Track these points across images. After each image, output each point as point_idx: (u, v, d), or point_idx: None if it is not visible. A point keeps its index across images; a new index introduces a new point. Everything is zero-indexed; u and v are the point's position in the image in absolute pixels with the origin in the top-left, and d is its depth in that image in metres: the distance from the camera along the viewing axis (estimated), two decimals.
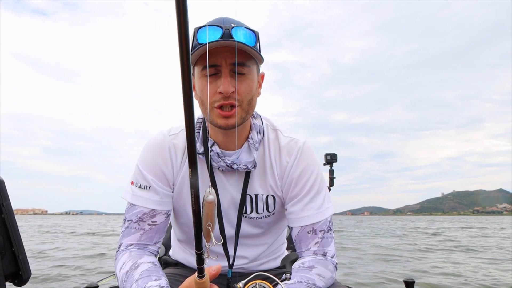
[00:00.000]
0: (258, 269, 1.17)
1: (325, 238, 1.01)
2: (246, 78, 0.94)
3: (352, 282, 5.30)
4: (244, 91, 0.93)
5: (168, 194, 1.03)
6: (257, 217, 1.06)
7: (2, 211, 0.83)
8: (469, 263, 7.42)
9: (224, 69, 0.90)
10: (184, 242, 1.17)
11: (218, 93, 0.91)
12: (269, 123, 1.13)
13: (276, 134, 1.10)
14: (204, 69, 0.92)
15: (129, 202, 1.00)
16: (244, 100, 0.94)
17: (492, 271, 6.44)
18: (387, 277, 5.69)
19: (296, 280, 0.89)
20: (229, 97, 0.91)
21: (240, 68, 0.92)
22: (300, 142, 1.06)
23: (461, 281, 5.44)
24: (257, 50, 0.93)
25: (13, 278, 0.88)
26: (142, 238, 0.98)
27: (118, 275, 0.93)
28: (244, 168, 1.00)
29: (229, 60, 0.90)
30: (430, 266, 6.86)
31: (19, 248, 0.87)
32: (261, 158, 1.06)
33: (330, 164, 3.53)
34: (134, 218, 0.98)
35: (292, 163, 1.04)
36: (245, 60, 0.92)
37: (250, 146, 1.02)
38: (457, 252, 9.54)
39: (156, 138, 1.05)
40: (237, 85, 0.92)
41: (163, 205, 1.01)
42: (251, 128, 1.05)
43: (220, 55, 0.89)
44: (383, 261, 7.63)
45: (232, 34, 0.87)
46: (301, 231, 1.02)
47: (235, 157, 1.02)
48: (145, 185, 0.99)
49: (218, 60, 0.90)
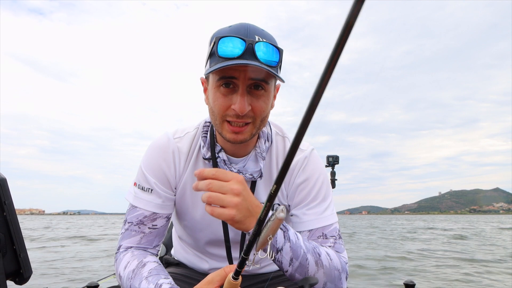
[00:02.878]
0: (261, 271, 1.16)
1: (338, 244, 0.98)
2: (264, 96, 0.89)
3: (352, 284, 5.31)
4: (259, 109, 0.89)
5: (170, 198, 1.02)
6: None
7: (4, 209, 0.83)
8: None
9: (242, 84, 0.85)
10: (187, 243, 1.17)
11: (231, 108, 0.87)
12: (278, 130, 1.10)
13: (284, 143, 1.08)
14: (220, 80, 0.87)
15: (130, 203, 0.99)
16: (258, 117, 0.90)
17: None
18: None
19: (303, 241, 0.87)
20: (243, 115, 0.87)
21: (258, 84, 0.87)
22: (307, 151, 1.05)
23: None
24: (278, 70, 0.88)
25: (14, 276, 0.88)
26: (142, 242, 0.98)
27: (122, 274, 0.92)
28: (250, 178, 0.98)
29: (247, 75, 0.85)
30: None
31: (21, 246, 0.87)
32: (268, 167, 1.04)
33: (332, 166, 3.57)
34: (135, 220, 0.98)
35: (298, 170, 1.03)
36: (265, 77, 0.87)
37: (257, 155, 1.01)
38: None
39: (161, 140, 1.03)
40: (253, 102, 0.87)
41: (165, 208, 1.00)
42: (259, 136, 1.03)
43: (239, 68, 0.84)
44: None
45: (256, 49, 0.82)
46: (310, 236, 0.99)
47: (241, 165, 1.01)
48: (147, 188, 0.98)
49: (236, 73, 0.85)
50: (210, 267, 1.13)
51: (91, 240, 14.03)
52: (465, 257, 8.97)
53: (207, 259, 1.13)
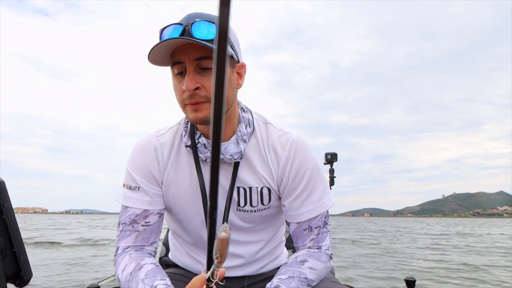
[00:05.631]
0: (259, 273, 1.15)
1: (320, 234, 1.03)
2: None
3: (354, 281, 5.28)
4: (210, 86, 0.89)
5: (157, 194, 1.03)
6: (251, 210, 1.04)
7: (3, 212, 0.84)
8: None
9: (189, 66, 0.88)
10: (182, 240, 1.16)
11: (184, 91, 0.89)
12: (259, 117, 1.11)
13: (267, 127, 1.08)
14: (173, 67, 0.91)
15: (122, 204, 1.01)
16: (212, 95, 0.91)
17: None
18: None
19: (288, 276, 0.90)
20: (195, 94, 0.88)
21: (205, 63, 0.88)
22: (293, 136, 1.05)
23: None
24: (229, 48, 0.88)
25: (14, 279, 0.88)
26: (137, 240, 0.99)
27: (120, 276, 0.93)
28: (230, 159, 0.99)
29: (192, 56, 0.87)
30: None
31: (20, 249, 0.87)
32: (253, 150, 1.04)
33: (330, 163, 3.52)
34: (128, 220, 0.99)
35: (287, 157, 1.03)
36: (210, 54, 0.88)
37: (237, 138, 1.01)
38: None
39: (143, 140, 1.06)
40: (203, 81, 0.89)
41: (154, 204, 1.02)
42: (239, 121, 1.04)
43: (183, 52, 0.88)
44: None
45: (192, 30, 0.85)
46: (298, 228, 1.03)
47: (222, 148, 1.00)
48: (134, 186, 1.00)
49: (181, 57, 0.88)
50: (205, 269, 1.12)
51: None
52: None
53: (201, 260, 1.12)
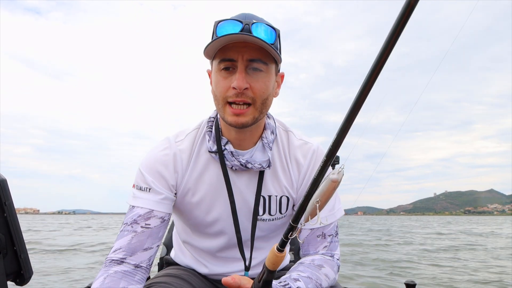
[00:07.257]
0: None
1: (333, 242, 1.02)
2: (262, 76, 0.91)
3: (353, 284, 5.31)
4: (259, 89, 0.90)
5: (169, 197, 1.00)
6: (269, 219, 1.05)
7: (5, 210, 0.83)
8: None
9: (240, 64, 0.88)
10: (192, 246, 1.15)
11: (231, 88, 0.89)
12: (280, 124, 1.11)
13: (288, 135, 1.09)
14: (220, 63, 0.90)
15: (129, 205, 0.99)
16: (258, 98, 0.91)
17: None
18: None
19: (307, 275, 0.90)
20: (242, 93, 0.89)
21: (257, 65, 0.89)
22: (314, 145, 1.06)
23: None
24: (276, 48, 0.90)
25: (15, 277, 0.88)
26: (132, 241, 0.93)
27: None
28: (259, 168, 0.99)
29: (246, 56, 0.88)
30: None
31: (21, 247, 0.87)
32: (275, 158, 1.04)
33: (332, 166, 3.57)
34: (129, 221, 0.96)
35: (308, 166, 1.04)
36: (262, 57, 0.89)
37: (264, 145, 1.01)
38: None
39: (162, 144, 1.03)
40: (252, 82, 0.90)
41: (162, 206, 0.98)
42: (265, 127, 1.04)
43: (237, 50, 0.88)
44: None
45: (252, 29, 0.86)
46: (311, 234, 1.01)
47: (248, 156, 1.01)
48: (145, 187, 0.98)
49: (234, 55, 0.88)
50: (209, 272, 1.13)
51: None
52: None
53: (206, 264, 1.13)
